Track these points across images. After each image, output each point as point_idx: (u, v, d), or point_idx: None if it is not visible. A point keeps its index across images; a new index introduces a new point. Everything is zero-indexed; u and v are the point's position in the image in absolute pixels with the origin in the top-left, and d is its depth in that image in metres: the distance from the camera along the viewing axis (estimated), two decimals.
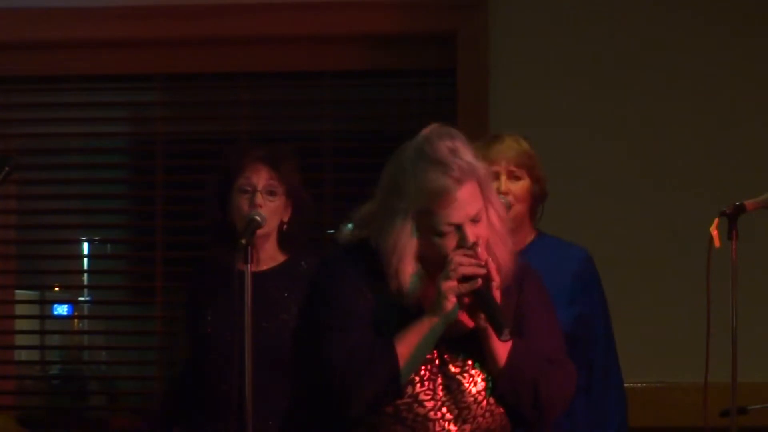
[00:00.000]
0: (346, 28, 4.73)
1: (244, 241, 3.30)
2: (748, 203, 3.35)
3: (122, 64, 4.86)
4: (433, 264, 2.62)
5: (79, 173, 5.11)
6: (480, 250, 2.60)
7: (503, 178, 3.53)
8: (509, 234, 2.72)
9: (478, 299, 2.58)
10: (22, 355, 5.15)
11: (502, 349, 2.63)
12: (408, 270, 2.62)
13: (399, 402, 2.59)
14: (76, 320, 5.41)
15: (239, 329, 3.25)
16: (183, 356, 3.73)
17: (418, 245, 2.63)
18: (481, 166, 2.67)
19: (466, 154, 2.64)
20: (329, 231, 4.54)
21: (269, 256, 3.57)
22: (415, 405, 2.60)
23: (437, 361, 2.65)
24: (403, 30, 4.70)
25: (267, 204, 3.52)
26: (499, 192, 3.51)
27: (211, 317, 3.52)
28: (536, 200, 3.62)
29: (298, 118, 4.95)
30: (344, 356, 2.58)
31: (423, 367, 2.63)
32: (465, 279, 2.58)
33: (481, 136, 4.00)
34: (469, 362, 2.67)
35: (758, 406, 3.71)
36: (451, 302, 2.57)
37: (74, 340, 5.38)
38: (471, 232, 2.60)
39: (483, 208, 2.64)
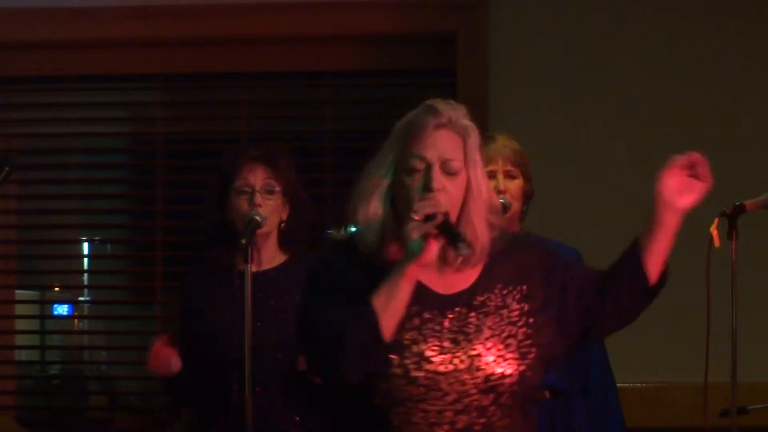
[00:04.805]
0: (346, 28, 4.73)
1: (244, 241, 3.30)
2: (748, 203, 3.36)
3: (122, 64, 4.86)
4: (404, 210, 2.57)
5: (79, 173, 5.11)
6: (439, 196, 2.55)
7: (500, 176, 3.53)
8: (491, 211, 2.64)
9: (441, 232, 2.54)
10: (22, 355, 5.15)
11: None
12: (371, 209, 2.59)
13: (407, 362, 2.55)
14: (76, 320, 5.40)
15: (243, 329, 3.25)
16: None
17: (389, 185, 2.61)
18: (473, 131, 2.64)
19: (461, 113, 2.66)
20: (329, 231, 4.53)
21: (270, 256, 3.56)
22: (423, 362, 2.56)
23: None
24: (403, 30, 4.70)
25: (266, 203, 3.51)
26: (498, 191, 3.52)
27: (213, 318, 3.51)
28: (527, 199, 3.62)
29: (298, 118, 4.95)
30: (330, 320, 2.54)
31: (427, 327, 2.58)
32: (428, 219, 2.53)
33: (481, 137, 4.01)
34: None
35: (758, 406, 3.71)
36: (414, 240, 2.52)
37: (74, 340, 5.37)
38: (438, 178, 2.56)
39: (462, 166, 2.60)
